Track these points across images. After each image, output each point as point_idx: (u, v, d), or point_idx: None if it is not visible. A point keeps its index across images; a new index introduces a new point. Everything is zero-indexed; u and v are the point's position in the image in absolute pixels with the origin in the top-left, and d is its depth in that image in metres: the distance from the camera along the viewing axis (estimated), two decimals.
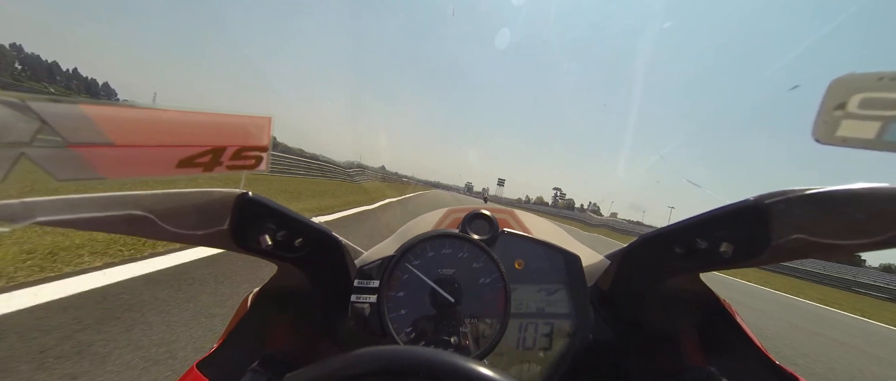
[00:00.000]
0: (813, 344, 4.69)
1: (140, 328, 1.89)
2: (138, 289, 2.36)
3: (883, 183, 0.27)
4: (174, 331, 1.93)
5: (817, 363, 3.88)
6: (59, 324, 1.79)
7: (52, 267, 2.40)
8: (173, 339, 1.86)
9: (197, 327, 2.02)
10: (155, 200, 0.33)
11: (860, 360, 4.42)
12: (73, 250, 2.73)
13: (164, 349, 1.76)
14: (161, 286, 2.45)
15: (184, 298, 2.34)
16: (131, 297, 2.23)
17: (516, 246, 0.51)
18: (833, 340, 5.26)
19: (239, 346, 0.46)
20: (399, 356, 0.23)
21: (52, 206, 0.27)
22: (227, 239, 0.38)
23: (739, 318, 0.44)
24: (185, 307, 2.22)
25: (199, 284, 2.61)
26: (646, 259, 0.45)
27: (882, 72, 0.29)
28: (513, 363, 0.47)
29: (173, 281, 2.56)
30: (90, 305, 2.05)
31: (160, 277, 2.62)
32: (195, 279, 2.67)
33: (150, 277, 2.58)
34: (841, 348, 4.85)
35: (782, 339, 4.61)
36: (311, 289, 0.50)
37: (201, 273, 2.80)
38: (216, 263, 3.02)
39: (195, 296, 2.40)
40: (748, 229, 0.33)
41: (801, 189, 0.30)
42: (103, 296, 2.18)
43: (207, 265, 2.95)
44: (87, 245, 2.86)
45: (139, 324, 1.93)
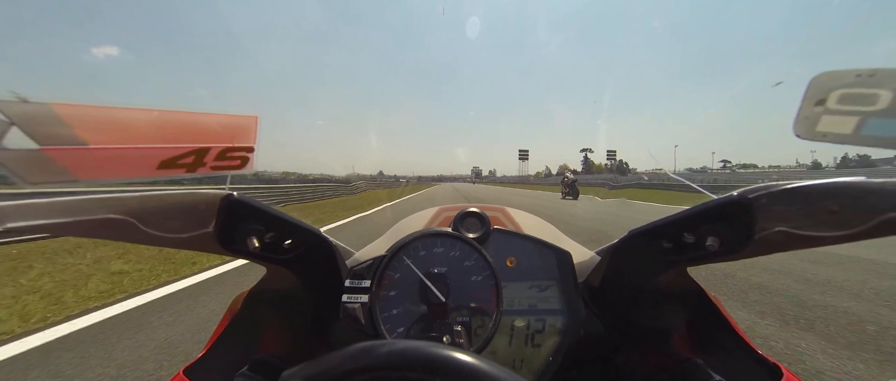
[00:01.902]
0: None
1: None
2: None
3: (860, 177, 0.27)
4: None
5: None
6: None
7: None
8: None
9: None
10: (135, 202, 0.32)
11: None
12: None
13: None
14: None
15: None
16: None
17: (507, 244, 0.52)
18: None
19: (228, 350, 0.45)
20: (397, 350, 0.23)
21: (24, 210, 0.26)
22: (213, 242, 0.37)
23: (726, 311, 0.46)
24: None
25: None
26: (635, 254, 0.46)
27: (860, 69, 0.30)
28: (505, 360, 0.47)
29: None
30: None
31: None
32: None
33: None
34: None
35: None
36: (302, 290, 0.49)
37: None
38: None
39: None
40: (733, 223, 0.34)
41: (782, 183, 0.30)
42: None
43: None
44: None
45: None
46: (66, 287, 3.00)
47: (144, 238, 0.33)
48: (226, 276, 3.40)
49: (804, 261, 3.68)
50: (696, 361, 0.42)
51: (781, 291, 2.85)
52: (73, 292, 2.89)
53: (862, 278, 3.17)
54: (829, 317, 2.33)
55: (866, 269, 3.47)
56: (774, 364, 0.37)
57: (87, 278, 3.25)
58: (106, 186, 0.33)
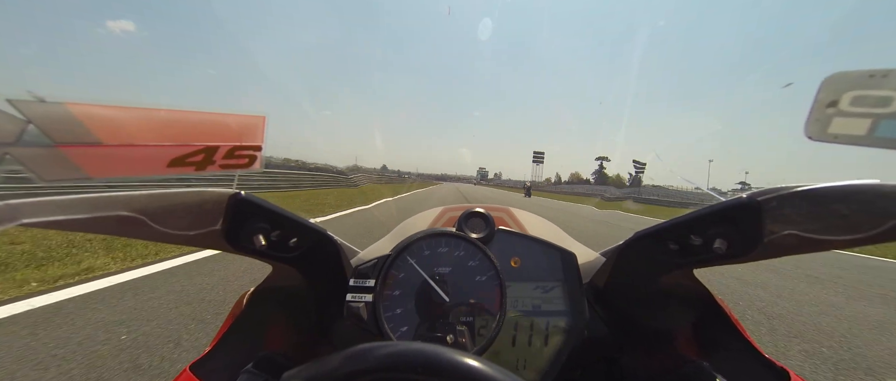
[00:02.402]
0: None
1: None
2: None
3: (873, 180, 0.27)
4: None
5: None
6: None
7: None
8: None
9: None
10: (146, 200, 0.32)
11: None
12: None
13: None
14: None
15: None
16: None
17: (512, 244, 0.52)
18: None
19: (233, 347, 0.46)
20: (399, 351, 0.23)
21: (39, 207, 0.27)
22: (220, 240, 0.38)
23: (732, 314, 0.45)
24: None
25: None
26: (640, 256, 0.45)
27: (873, 69, 0.30)
28: (509, 361, 0.47)
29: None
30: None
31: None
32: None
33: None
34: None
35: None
36: (307, 289, 0.49)
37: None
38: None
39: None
40: (741, 226, 0.34)
41: (792, 186, 0.30)
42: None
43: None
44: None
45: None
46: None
47: (155, 235, 0.34)
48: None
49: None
50: (702, 363, 0.42)
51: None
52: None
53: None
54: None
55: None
56: (782, 368, 0.37)
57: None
58: (118, 183, 0.34)
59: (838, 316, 3.06)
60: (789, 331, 2.65)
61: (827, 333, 2.66)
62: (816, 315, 3.04)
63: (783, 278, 4.26)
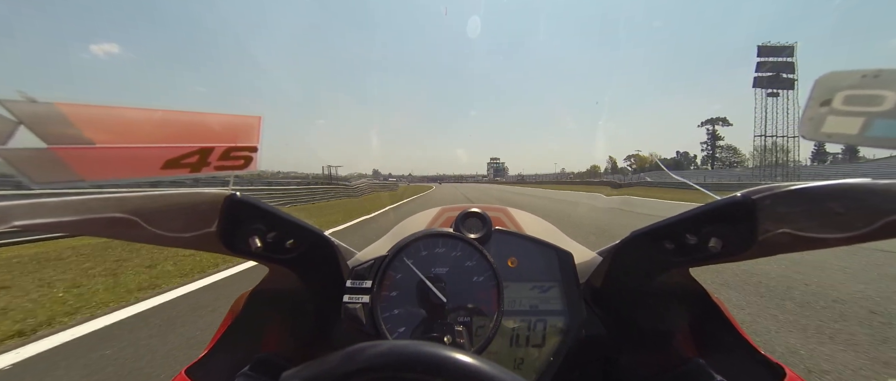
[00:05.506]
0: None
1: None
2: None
3: (865, 179, 0.27)
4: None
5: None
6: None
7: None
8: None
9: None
10: (139, 201, 0.32)
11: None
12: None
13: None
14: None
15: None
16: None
17: (509, 244, 0.52)
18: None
19: (230, 349, 0.45)
20: (398, 350, 0.23)
21: (30, 209, 0.26)
22: (215, 241, 0.37)
23: (728, 312, 0.45)
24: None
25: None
26: (637, 255, 0.45)
27: (865, 69, 0.30)
28: (507, 361, 0.47)
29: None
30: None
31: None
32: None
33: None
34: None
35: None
36: (304, 290, 0.49)
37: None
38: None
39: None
40: (736, 224, 0.34)
41: (786, 185, 0.30)
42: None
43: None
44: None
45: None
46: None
47: (149, 237, 0.33)
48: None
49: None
50: (699, 361, 0.42)
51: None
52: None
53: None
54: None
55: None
56: (777, 365, 0.37)
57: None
58: (112, 185, 0.33)
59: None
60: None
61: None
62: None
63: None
